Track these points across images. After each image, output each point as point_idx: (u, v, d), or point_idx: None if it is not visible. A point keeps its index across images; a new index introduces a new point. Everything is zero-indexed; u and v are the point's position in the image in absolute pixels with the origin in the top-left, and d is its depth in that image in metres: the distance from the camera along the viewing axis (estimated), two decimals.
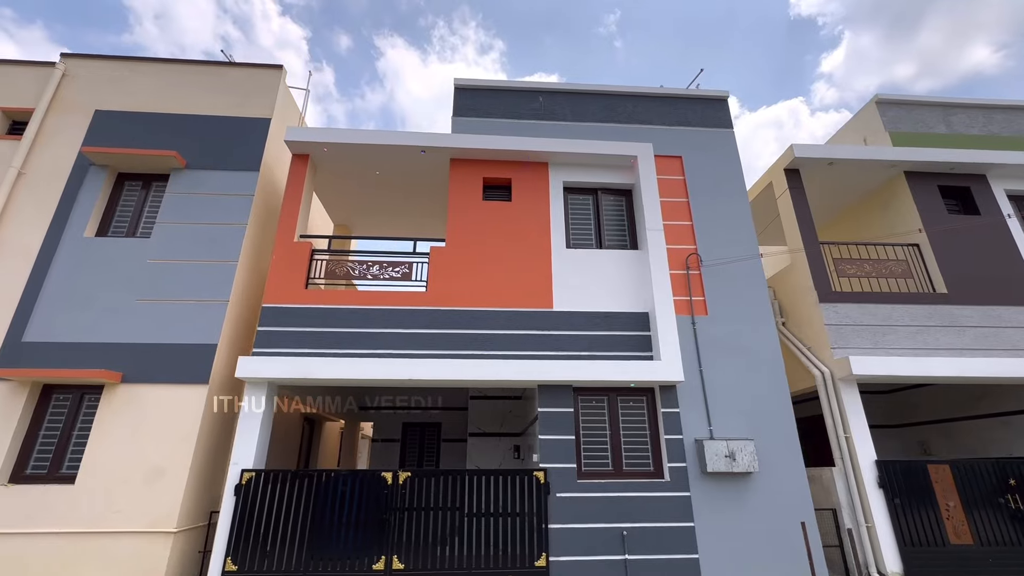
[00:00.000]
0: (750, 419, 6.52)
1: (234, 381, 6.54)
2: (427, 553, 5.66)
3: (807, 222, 7.85)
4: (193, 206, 7.16)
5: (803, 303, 7.71)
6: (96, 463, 5.83)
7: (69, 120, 7.52)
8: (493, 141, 7.59)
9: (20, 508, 5.61)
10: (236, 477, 5.79)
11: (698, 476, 6.19)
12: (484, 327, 6.76)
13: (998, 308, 7.39)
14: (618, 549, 5.81)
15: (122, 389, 6.16)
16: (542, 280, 7.08)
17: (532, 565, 5.65)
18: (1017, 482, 6.39)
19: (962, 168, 8.21)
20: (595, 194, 7.90)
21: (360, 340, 6.62)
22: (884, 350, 7.05)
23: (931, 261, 7.76)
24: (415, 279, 7.12)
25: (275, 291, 6.77)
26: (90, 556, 5.48)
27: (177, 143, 7.42)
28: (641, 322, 6.96)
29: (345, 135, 7.51)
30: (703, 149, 8.14)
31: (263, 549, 5.54)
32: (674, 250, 7.37)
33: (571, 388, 6.52)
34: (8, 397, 6.05)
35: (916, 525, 6.19)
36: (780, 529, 5.92)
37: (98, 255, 6.80)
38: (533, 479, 6.02)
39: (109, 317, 6.47)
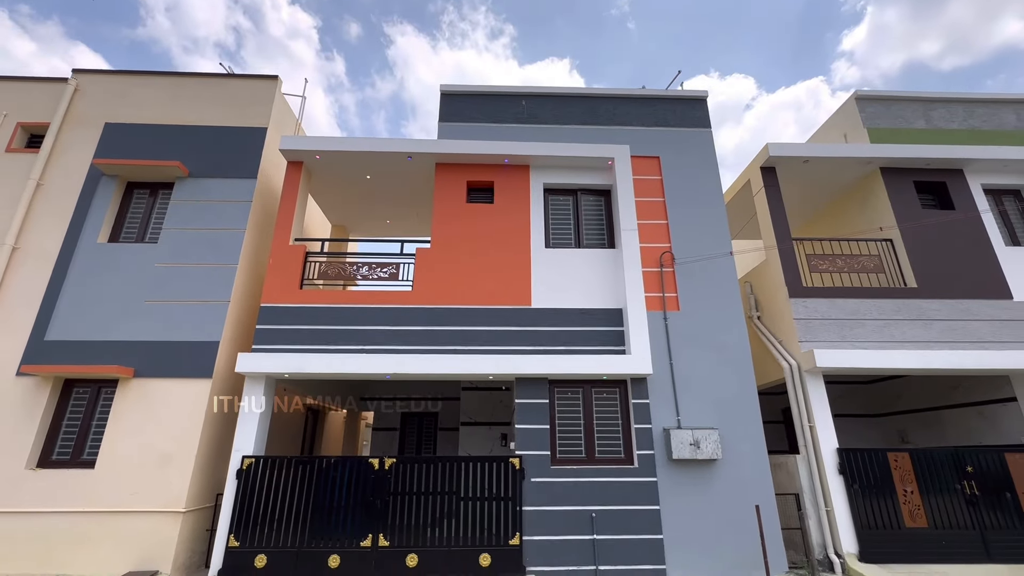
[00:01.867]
0: (717, 409, 6.88)
1: (235, 375, 7.10)
2: (411, 531, 6.19)
3: (780, 219, 8.11)
4: (196, 213, 7.69)
5: (776, 298, 8.00)
6: (113, 450, 6.45)
7: (81, 133, 8.07)
8: (476, 146, 7.96)
9: (47, 490, 6.25)
10: (238, 463, 6.37)
11: (665, 463, 6.60)
12: (466, 324, 7.20)
13: (966, 301, 7.60)
14: (587, 530, 6.26)
15: (135, 383, 6.75)
16: (522, 279, 7.48)
17: (506, 543, 6.15)
18: (974, 469, 6.67)
19: (938, 163, 8.36)
20: (575, 195, 8.25)
21: (351, 337, 7.11)
22: (851, 343, 7.33)
23: (903, 256, 7.97)
24: (402, 279, 7.58)
25: (272, 292, 7.29)
26: (110, 532, 6.11)
27: (180, 153, 7.94)
28: (615, 318, 7.34)
29: (336, 143, 7.95)
30: (681, 149, 8.40)
31: (263, 527, 6.12)
32: (649, 248, 7.70)
33: (547, 381, 6.96)
34: (34, 391, 6.68)
35: (873, 509, 6.53)
36: (740, 512, 6.31)
37: (110, 260, 7.37)
38: (509, 465, 6.49)
39: (121, 317, 7.05)
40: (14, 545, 6.02)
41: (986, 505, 6.51)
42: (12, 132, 8.03)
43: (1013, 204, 8.54)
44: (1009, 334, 7.45)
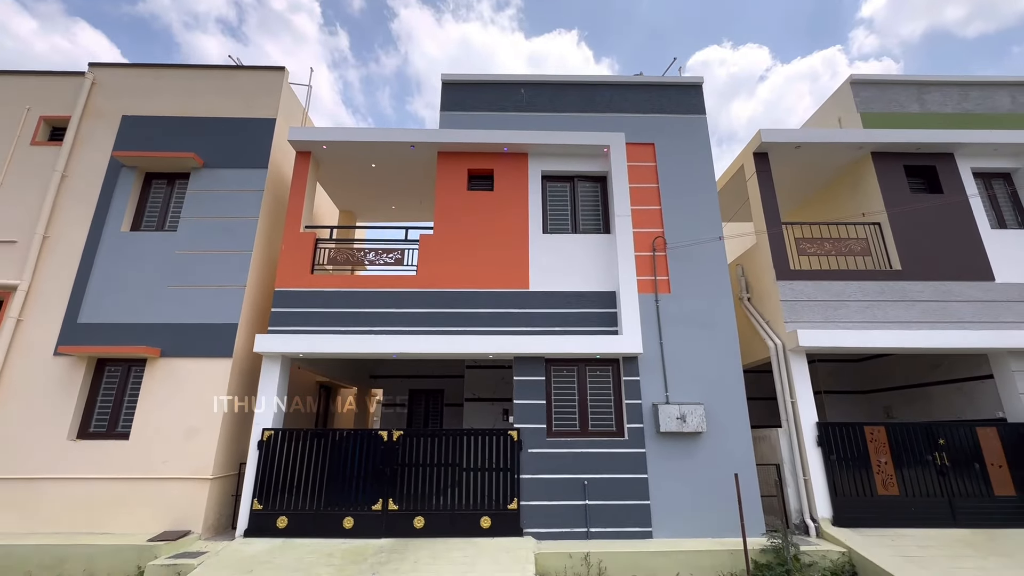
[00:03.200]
0: (704, 386, 7.31)
1: (253, 355, 7.62)
2: (418, 497, 6.76)
3: (771, 204, 8.37)
4: (211, 202, 8.11)
5: (765, 280, 8.33)
6: (145, 423, 7.03)
7: (100, 125, 8.47)
8: (476, 135, 8.26)
9: (87, 459, 6.87)
10: (258, 435, 6.94)
11: (653, 435, 7.07)
12: (468, 306, 7.64)
13: (949, 283, 7.89)
14: (580, 496, 6.79)
15: (162, 362, 7.30)
16: (520, 263, 7.87)
17: (505, 508, 6.70)
18: (946, 442, 7.08)
19: (929, 148, 8.53)
20: (572, 181, 8.56)
21: (360, 319, 7.58)
22: (834, 324, 7.68)
23: (890, 239, 8.24)
24: (407, 264, 8.01)
25: (285, 276, 7.75)
26: (145, 497, 6.73)
27: (194, 144, 8.32)
28: (609, 300, 7.73)
29: (342, 133, 8.29)
30: (676, 136, 8.64)
31: (283, 492, 6.72)
32: (643, 233, 8.03)
33: (544, 360, 7.41)
34: (70, 370, 7.25)
35: (848, 478, 6.98)
36: (722, 480, 6.78)
37: (133, 247, 7.85)
38: (508, 437, 7.00)
39: (147, 301, 7.57)
40: (63, 508, 6.66)
41: (955, 475, 6.95)
42: (36, 126, 8.44)
43: (1002, 188, 8.73)
44: (989, 315, 7.75)
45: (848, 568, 6.04)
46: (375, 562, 5.83)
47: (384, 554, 6.05)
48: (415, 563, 5.79)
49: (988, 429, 7.11)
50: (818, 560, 6.07)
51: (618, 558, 6.13)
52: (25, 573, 5.95)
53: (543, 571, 6.03)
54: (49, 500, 6.67)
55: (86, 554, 6.07)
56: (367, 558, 5.94)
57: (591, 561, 6.07)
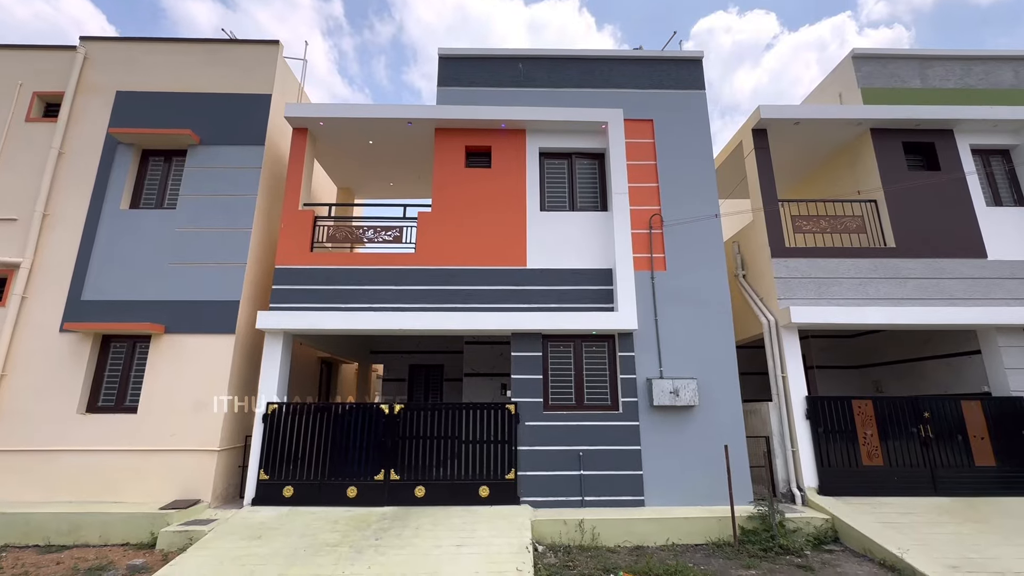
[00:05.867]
0: (697, 361, 7.48)
1: (256, 331, 7.76)
2: (419, 468, 7.00)
3: (768, 181, 8.39)
4: (209, 179, 8.12)
5: (760, 257, 8.41)
6: (152, 397, 7.22)
7: (95, 101, 8.40)
8: (473, 111, 8.21)
9: (96, 432, 7.08)
10: (263, 408, 7.14)
11: (647, 409, 7.28)
12: (466, 283, 7.74)
13: (942, 260, 7.98)
14: (575, 466, 7.04)
15: (166, 339, 7.44)
16: (517, 241, 7.94)
17: (503, 478, 6.95)
18: (931, 415, 7.30)
19: (928, 124, 8.50)
20: (570, 158, 8.54)
21: (359, 296, 7.70)
22: (827, 300, 7.80)
23: (885, 217, 8.29)
24: (405, 241, 8.07)
25: (285, 254, 7.83)
26: (155, 468, 6.97)
27: (191, 121, 8.28)
28: (605, 277, 7.83)
29: (339, 110, 8.24)
30: (674, 112, 8.58)
31: (289, 463, 6.96)
32: (640, 211, 8.08)
33: (540, 336, 7.56)
34: (76, 346, 7.40)
35: (835, 450, 7.22)
36: (713, 451, 7.01)
37: (133, 225, 7.90)
38: (505, 411, 7.21)
39: (149, 278, 7.66)
40: (76, 478, 6.90)
41: (938, 446, 7.18)
42: (30, 102, 8.37)
43: (1000, 165, 8.73)
44: (980, 291, 7.87)
45: (831, 534, 6.32)
46: (378, 528, 6.09)
47: (387, 521, 6.31)
48: (416, 529, 6.05)
49: (972, 403, 7.31)
50: (802, 526, 6.33)
51: (611, 525, 6.39)
52: (43, 539, 6.22)
53: (539, 537, 6.30)
54: (62, 471, 6.90)
55: (101, 521, 6.33)
56: (370, 525, 6.20)
57: (585, 528, 6.33)
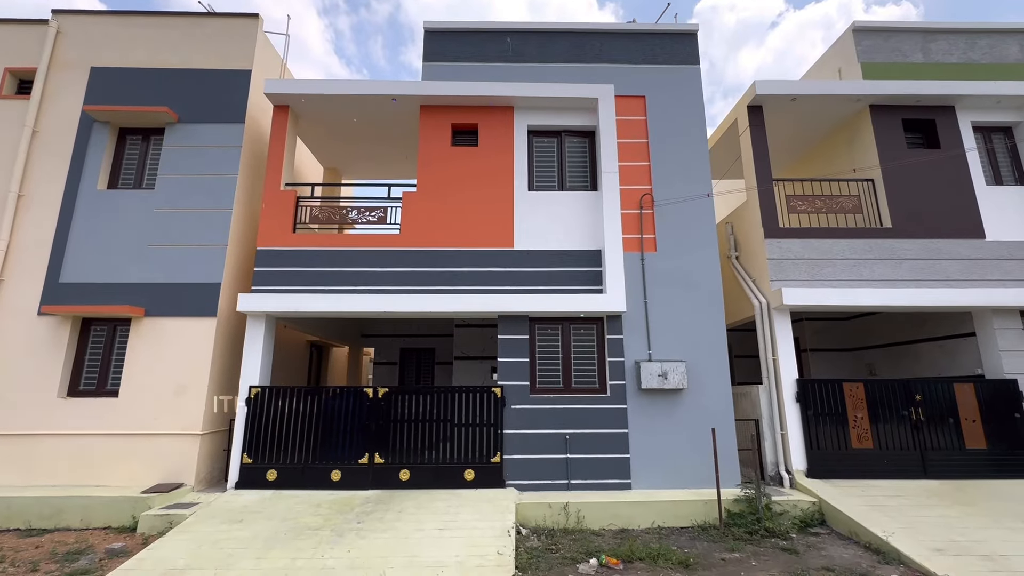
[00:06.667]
0: (687, 343, 7.35)
1: (238, 314, 7.61)
2: (404, 452, 6.93)
3: (763, 159, 8.16)
4: (188, 158, 7.90)
5: (753, 238, 8.24)
6: (133, 381, 7.12)
7: (69, 78, 8.13)
8: (459, 87, 7.95)
9: (78, 416, 6.99)
10: (246, 392, 7.05)
11: (635, 392, 7.18)
12: (451, 265, 7.58)
13: (939, 241, 7.81)
14: (562, 450, 6.97)
15: (146, 322, 7.31)
16: (504, 221, 7.75)
17: (488, 461, 6.89)
18: (923, 398, 7.20)
19: (929, 100, 8.24)
20: (559, 136, 8.31)
21: (343, 278, 7.54)
22: (820, 282, 7.65)
23: (882, 196, 8.08)
24: (390, 222, 7.89)
25: (267, 235, 7.66)
26: (137, 452, 6.90)
27: (168, 98, 8.02)
28: (595, 259, 7.66)
29: (320, 86, 7.97)
30: (667, 87, 8.32)
31: (272, 447, 6.89)
32: (630, 190, 7.88)
33: (528, 318, 7.42)
34: (56, 329, 7.27)
35: (824, 432, 7.15)
36: (701, 434, 6.93)
37: (111, 206, 7.70)
38: (491, 394, 7.11)
39: (128, 260, 7.50)
40: (58, 462, 6.83)
41: (929, 429, 7.10)
42: (1, 78, 8.11)
43: (1002, 142, 8.49)
44: (977, 272, 7.71)
45: (818, 517, 6.27)
46: (361, 511, 6.04)
47: (370, 504, 6.26)
48: (399, 512, 6.00)
49: (965, 385, 7.22)
50: (789, 509, 6.28)
51: (596, 508, 6.35)
52: (24, 523, 6.18)
53: (524, 520, 6.25)
54: (44, 455, 6.84)
55: (82, 505, 6.28)
56: (353, 508, 6.15)
57: (570, 511, 6.29)
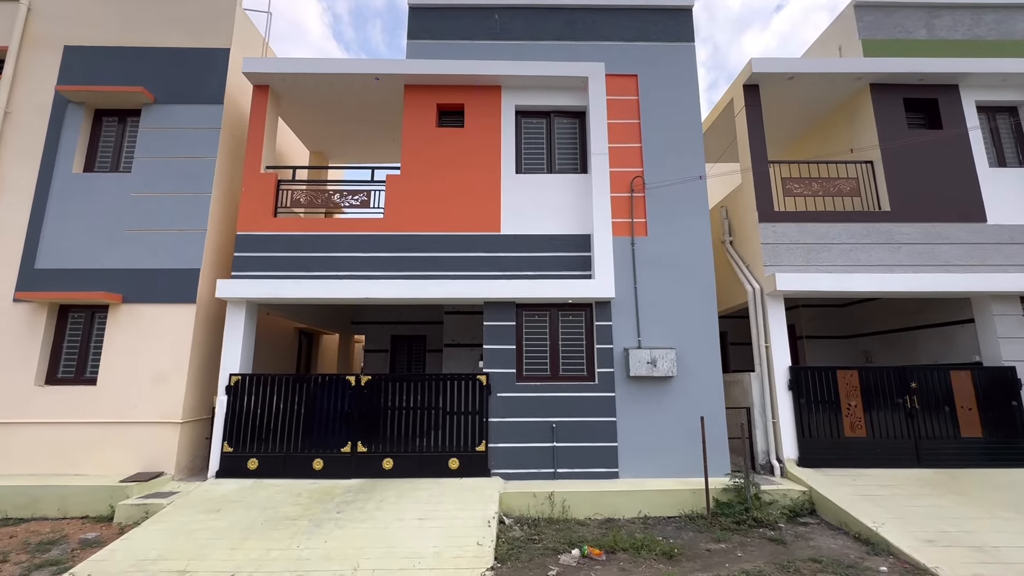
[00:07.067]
0: (678, 330, 7.17)
1: (218, 301, 7.44)
2: (386, 440, 6.80)
3: (758, 141, 7.91)
4: (165, 141, 7.66)
5: (747, 222, 8.01)
6: (111, 369, 6.98)
7: (42, 57, 7.86)
8: (444, 66, 7.67)
9: (56, 404, 6.86)
10: (226, 380, 6.91)
11: (623, 379, 7.02)
12: (436, 250, 7.38)
13: (938, 225, 7.58)
14: (548, 438, 6.83)
15: (124, 308, 7.15)
16: (491, 205, 7.53)
17: (473, 450, 6.76)
18: (918, 386, 7.04)
19: (932, 79, 7.94)
20: (548, 117, 8.04)
21: (325, 264, 7.35)
22: (815, 267, 7.44)
23: (881, 179, 7.83)
24: (373, 206, 7.67)
25: (247, 220, 7.45)
26: (116, 441, 6.78)
27: (144, 78, 7.76)
28: (584, 243, 7.45)
29: (300, 64, 7.70)
30: (661, 66, 8.02)
31: (253, 436, 6.77)
32: (621, 173, 7.64)
33: (514, 304, 7.24)
34: (32, 316, 7.11)
35: (816, 421, 7.00)
36: (690, 423, 6.77)
37: (87, 190, 7.49)
38: (477, 382, 6.96)
39: (105, 246, 7.30)
40: (36, 451, 6.72)
41: (924, 417, 6.95)
42: None
43: (1006, 122, 8.20)
44: (977, 257, 7.49)
45: (808, 506, 6.15)
46: (341, 501, 5.92)
47: (351, 493, 6.15)
48: (381, 502, 5.89)
49: (962, 373, 7.04)
50: (778, 499, 6.15)
51: (582, 497, 6.22)
52: (0, 512, 6.08)
53: (508, 510, 6.14)
54: (21, 444, 6.72)
55: (59, 494, 6.17)
56: (334, 497, 6.04)
57: (555, 500, 6.16)
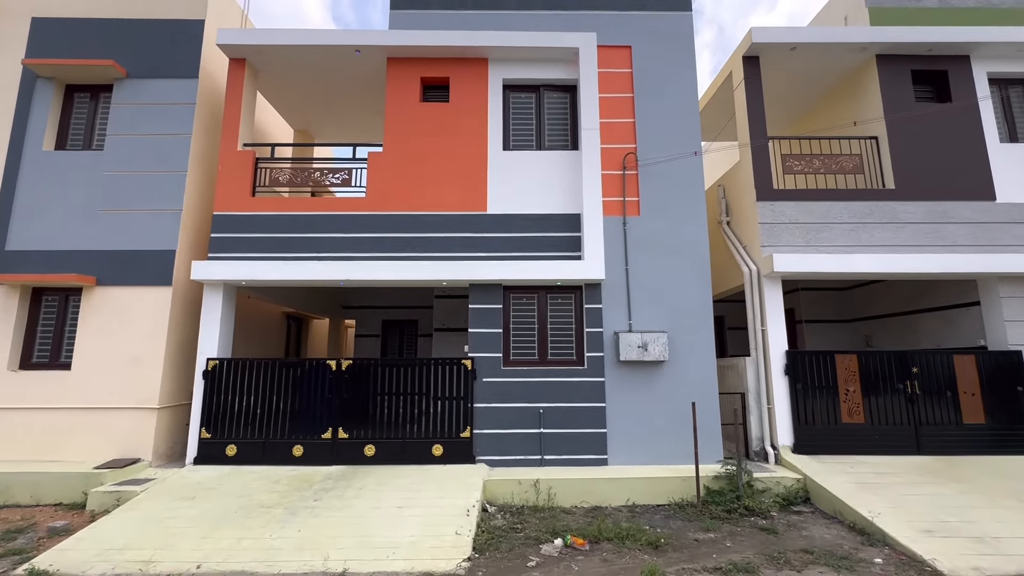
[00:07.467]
0: (670, 313, 6.91)
1: (195, 283, 7.18)
2: (368, 426, 6.61)
3: (758, 115, 7.55)
4: (138, 117, 7.36)
5: (745, 201, 7.69)
6: (86, 354, 6.77)
7: (8, 29, 7.53)
8: (428, 37, 7.31)
9: (30, 389, 6.68)
10: (203, 364, 6.70)
11: (613, 364, 6.79)
12: (420, 230, 7.11)
13: (945, 203, 7.25)
14: (535, 424, 6.63)
15: (98, 291, 6.92)
16: (477, 184, 7.23)
17: (458, 436, 6.56)
18: (920, 370, 6.78)
19: (941, 49, 7.53)
20: (538, 91, 7.68)
21: (306, 244, 7.09)
22: (815, 248, 7.14)
23: (886, 155, 7.48)
24: (355, 185, 7.38)
25: (224, 199, 7.18)
26: (92, 426, 6.61)
27: (115, 51, 7.43)
28: (574, 223, 7.16)
29: (276, 36, 7.35)
30: (656, 37, 7.63)
31: (232, 421, 6.59)
32: (613, 149, 7.31)
33: (501, 287, 6.98)
34: (4, 299, 6.90)
35: (813, 407, 6.76)
36: (682, 408, 6.54)
37: (59, 168, 7.22)
38: (461, 367, 6.74)
39: (78, 227, 7.06)
40: (12, 437, 6.56)
41: (925, 403, 6.70)
42: None
43: (1020, 95, 7.80)
44: (985, 237, 7.18)
45: (802, 494, 5.95)
46: (320, 488, 5.75)
47: (331, 481, 5.97)
48: (360, 489, 5.71)
49: (966, 357, 6.78)
50: (772, 487, 5.95)
51: (569, 485, 6.03)
52: None
53: (492, 497, 5.95)
54: None
55: (32, 481, 6.01)
56: (312, 485, 5.86)
57: (541, 488, 5.97)
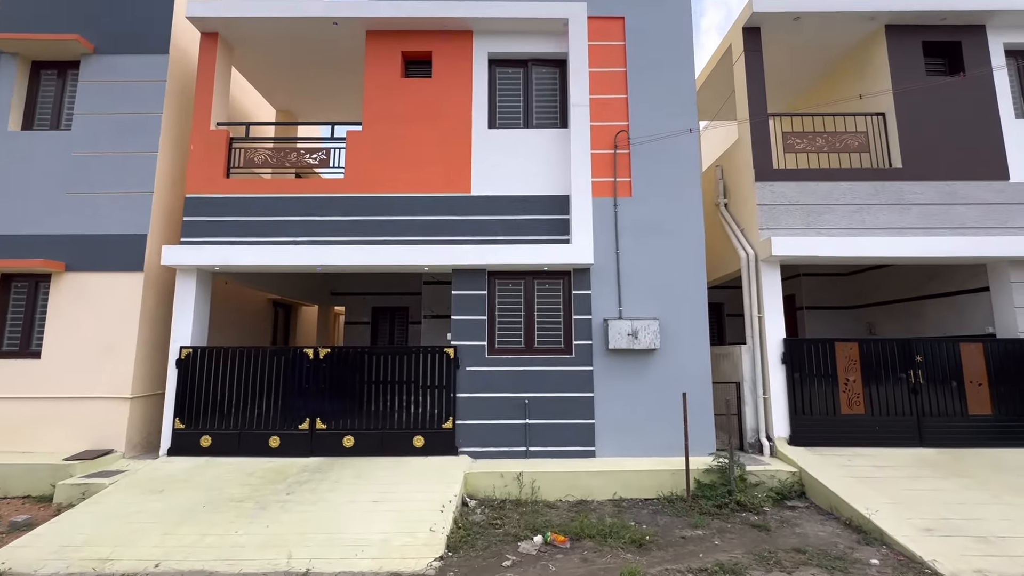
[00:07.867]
0: (663, 300, 6.60)
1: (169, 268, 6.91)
2: (347, 416, 6.38)
3: (757, 90, 7.14)
4: (107, 95, 7.03)
5: (744, 182, 7.32)
6: (56, 342, 6.54)
7: None
8: (409, 7, 6.91)
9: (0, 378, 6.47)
10: (176, 353, 6.46)
11: (602, 352, 6.50)
12: (401, 213, 6.80)
13: (955, 183, 6.86)
14: (521, 415, 6.37)
15: (68, 277, 6.67)
16: (461, 164, 6.89)
17: (440, 427, 6.33)
18: (924, 359, 6.46)
19: (955, 18, 7.08)
20: (526, 66, 7.29)
21: (282, 228, 6.80)
22: (816, 230, 6.79)
23: (893, 132, 7.08)
24: (333, 165, 7.05)
25: (196, 181, 6.88)
26: (64, 417, 6.39)
27: (81, 25, 7.07)
28: (563, 205, 6.83)
29: (248, 8, 6.96)
30: (650, 7, 7.18)
31: (206, 412, 6.37)
32: (604, 127, 6.94)
33: (486, 272, 6.68)
34: None
35: (811, 397, 6.47)
36: (674, 399, 6.26)
37: (25, 149, 6.92)
38: (444, 355, 6.48)
39: (46, 210, 6.78)
40: None
41: (928, 393, 6.40)
42: None
43: None
44: (997, 219, 6.81)
45: (797, 488, 5.69)
46: (294, 481, 5.53)
47: (307, 473, 5.76)
48: (336, 482, 5.49)
49: (973, 345, 6.45)
50: (765, 480, 5.69)
51: (554, 478, 5.79)
52: None
53: (473, 491, 5.73)
54: None
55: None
56: (287, 477, 5.65)
57: (524, 481, 5.73)
